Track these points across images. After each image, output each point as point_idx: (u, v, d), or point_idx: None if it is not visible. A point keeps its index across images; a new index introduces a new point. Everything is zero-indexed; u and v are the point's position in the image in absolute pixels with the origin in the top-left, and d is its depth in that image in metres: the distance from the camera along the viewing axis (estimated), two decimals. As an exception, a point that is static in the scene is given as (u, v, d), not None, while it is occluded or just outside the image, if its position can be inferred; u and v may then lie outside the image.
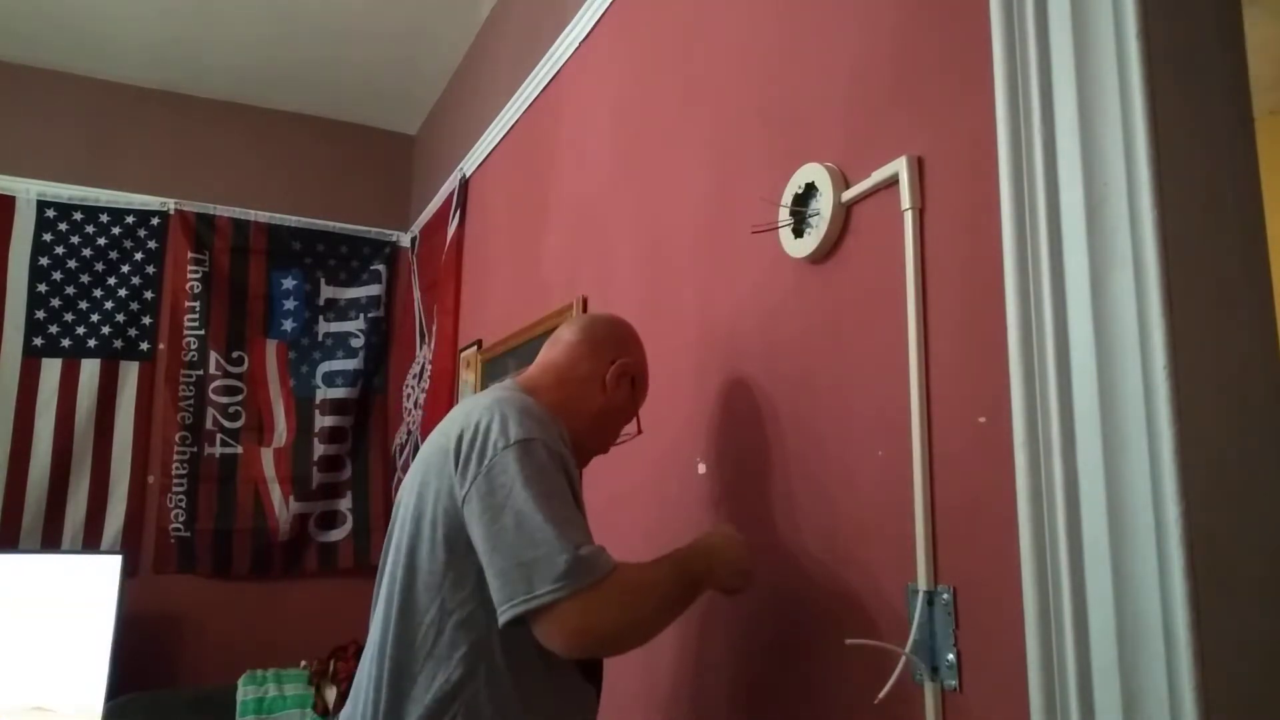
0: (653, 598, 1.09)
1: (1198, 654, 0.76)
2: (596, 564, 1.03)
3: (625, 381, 1.36)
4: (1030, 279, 0.92)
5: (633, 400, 1.38)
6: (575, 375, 1.34)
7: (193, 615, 3.29)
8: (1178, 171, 0.84)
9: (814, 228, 1.25)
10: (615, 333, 1.41)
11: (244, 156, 3.65)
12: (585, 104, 2.20)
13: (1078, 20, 0.91)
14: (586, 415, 1.32)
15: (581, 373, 1.34)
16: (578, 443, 1.31)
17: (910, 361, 1.07)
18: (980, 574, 0.97)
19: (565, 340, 1.37)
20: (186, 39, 3.21)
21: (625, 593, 1.05)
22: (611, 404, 1.35)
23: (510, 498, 1.07)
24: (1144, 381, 0.82)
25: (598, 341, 1.37)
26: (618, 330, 1.41)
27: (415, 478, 1.23)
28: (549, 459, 1.11)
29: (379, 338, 3.72)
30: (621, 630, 1.07)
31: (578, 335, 1.38)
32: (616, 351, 1.36)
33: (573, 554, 1.02)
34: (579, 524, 1.09)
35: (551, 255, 2.31)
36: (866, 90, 1.21)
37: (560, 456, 1.13)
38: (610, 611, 1.03)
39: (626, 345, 1.39)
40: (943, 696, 1.00)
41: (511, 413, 1.14)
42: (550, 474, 1.10)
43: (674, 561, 1.15)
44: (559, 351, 1.37)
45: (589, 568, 1.02)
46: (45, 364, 3.23)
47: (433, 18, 3.07)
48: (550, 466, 1.10)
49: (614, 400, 1.35)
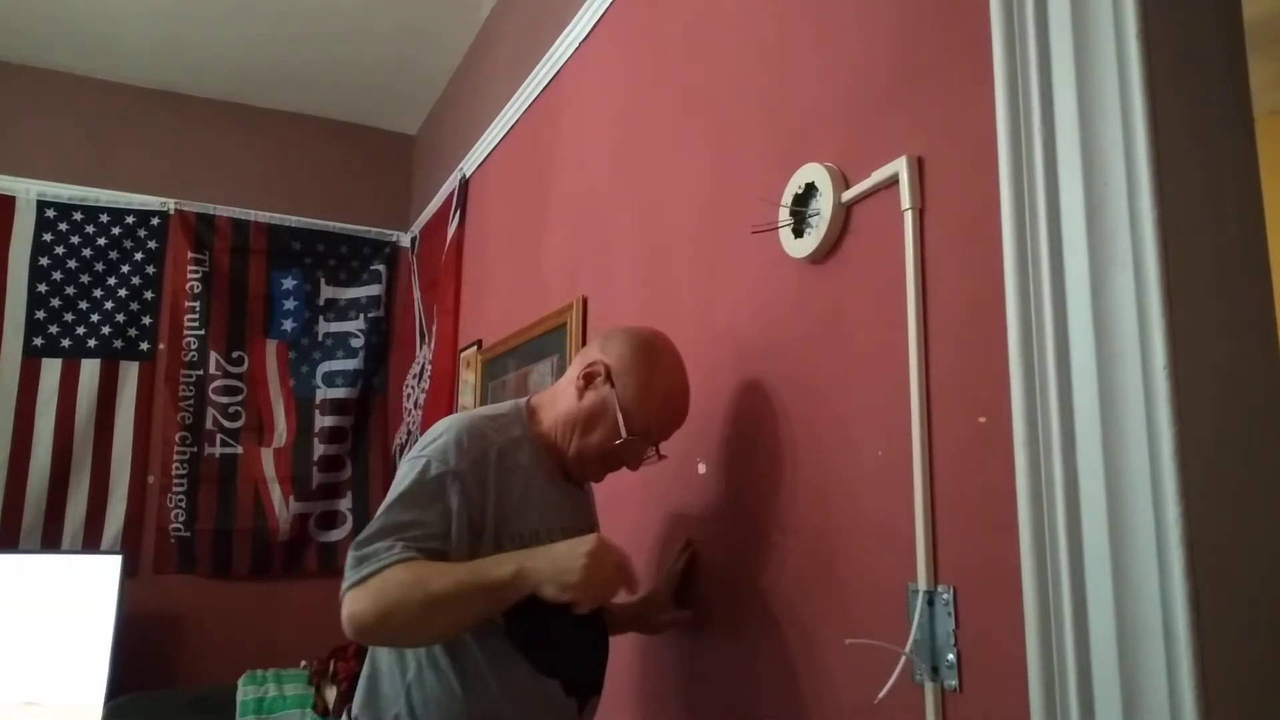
0: (414, 595, 1.11)
1: (1198, 654, 0.76)
2: (372, 560, 1.13)
3: (598, 383, 1.32)
4: (1030, 279, 0.92)
5: (610, 400, 1.31)
6: (561, 385, 1.39)
7: (193, 615, 3.29)
8: (1178, 171, 0.84)
9: (814, 228, 1.25)
10: (620, 337, 1.38)
11: (244, 156, 3.65)
12: (585, 104, 2.20)
13: (1078, 20, 0.91)
14: (559, 424, 1.35)
15: (565, 382, 1.39)
16: (565, 453, 1.36)
17: (910, 361, 1.07)
18: (980, 574, 0.97)
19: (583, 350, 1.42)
20: (186, 39, 3.21)
21: (385, 588, 1.11)
22: (583, 409, 1.33)
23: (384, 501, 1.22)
24: (1144, 381, 0.82)
25: (597, 345, 1.38)
26: (619, 336, 1.38)
27: None
28: (433, 477, 1.21)
29: (379, 338, 3.72)
30: (377, 622, 1.11)
31: (591, 342, 1.42)
32: (603, 352, 1.35)
33: (361, 551, 1.15)
34: (403, 527, 1.17)
35: (551, 255, 2.31)
36: (866, 90, 1.21)
37: (453, 474, 1.21)
38: (365, 603, 1.11)
39: (613, 348, 1.35)
40: (943, 696, 1.00)
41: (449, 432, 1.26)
42: (423, 487, 1.20)
43: (472, 566, 1.16)
44: (572, 362, 1.42)
45: (365, 562, 1.13)
46: (45, 364, 3.23)
47: (433, 18, 3.07)
48: (430, 481, 1.21)
49: (585, 405, 1.33)
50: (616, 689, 1.73)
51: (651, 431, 1.36)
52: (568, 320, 2.08)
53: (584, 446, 1.34)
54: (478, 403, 2.72)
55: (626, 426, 1.31)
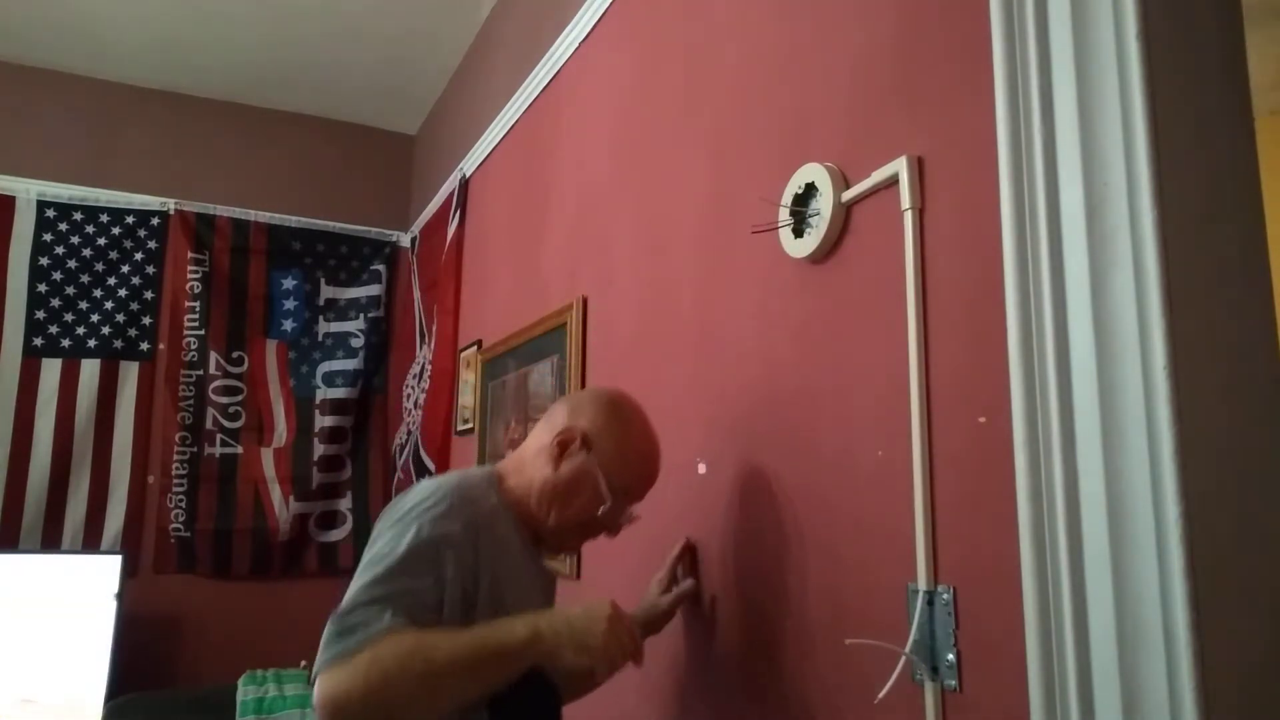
0: (414, 666, 1.00)
1: (1198, 654, 0.76)
2: (359, 630, 1.00)
3: (574, 450, 1.26)
4: (1030, 279, 0.92)
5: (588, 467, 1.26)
6: (529, 454, 1.31)
7: (193, 615, 3.29)
8: (1178, 171, 0.84)
9: (814, 228, 1.25)
10: (586, 400, 1.33)
11: (244, 156, 3.65)
12: (585, 104, 2.20)
13: (1078, 20, 0.91)
14: (536, 495, 1.27)
15: (533, 450, 1.31)
16: (539, 527, 1.29)
17: (910, 361, 1.06)
18: (980, 574, 0.97)
19: (544, 417, 1.34)
20: (186, 39, 3.21)
21: (378, 660, 0.98)
22: (562, 478, 1.26)
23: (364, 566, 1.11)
24: (1144, 381, 0.82)
25: (564, 412, 1.31)
26: (590, 398, 1.34)
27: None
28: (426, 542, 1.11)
29: (379, 338, 3.72)
30: (367, 699, 0.97)
31: (553, 409, 1.34)
32: (573, 418, 1.29)
33: (340, 623, 1.02)
34: (393, 595, 1.05)
35: (551, 255, 2.31)
36: (867, 90, 1.21)
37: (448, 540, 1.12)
38: (352, 680, 0.97)
39: (584, 412, 1.29)
40: (943, 696, 1.00)
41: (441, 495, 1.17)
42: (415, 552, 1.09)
43: (478, 631, 1.07)
44: (534, 431, 1.34)
45: (349, 634, 1.00)
46: (45, 364, 3.23)
47: (433, 18, 3.07)
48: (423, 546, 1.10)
49: (565, 474, 1.26)
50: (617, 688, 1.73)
51: (631, 492, 1.31)
52: (568, 320, 2.08)
53: (565, 517, 1.28)
54: (477, 403, 2.72)
55: (611, 490, 1.26)
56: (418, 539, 1.10)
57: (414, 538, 1.10)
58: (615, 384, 1.86)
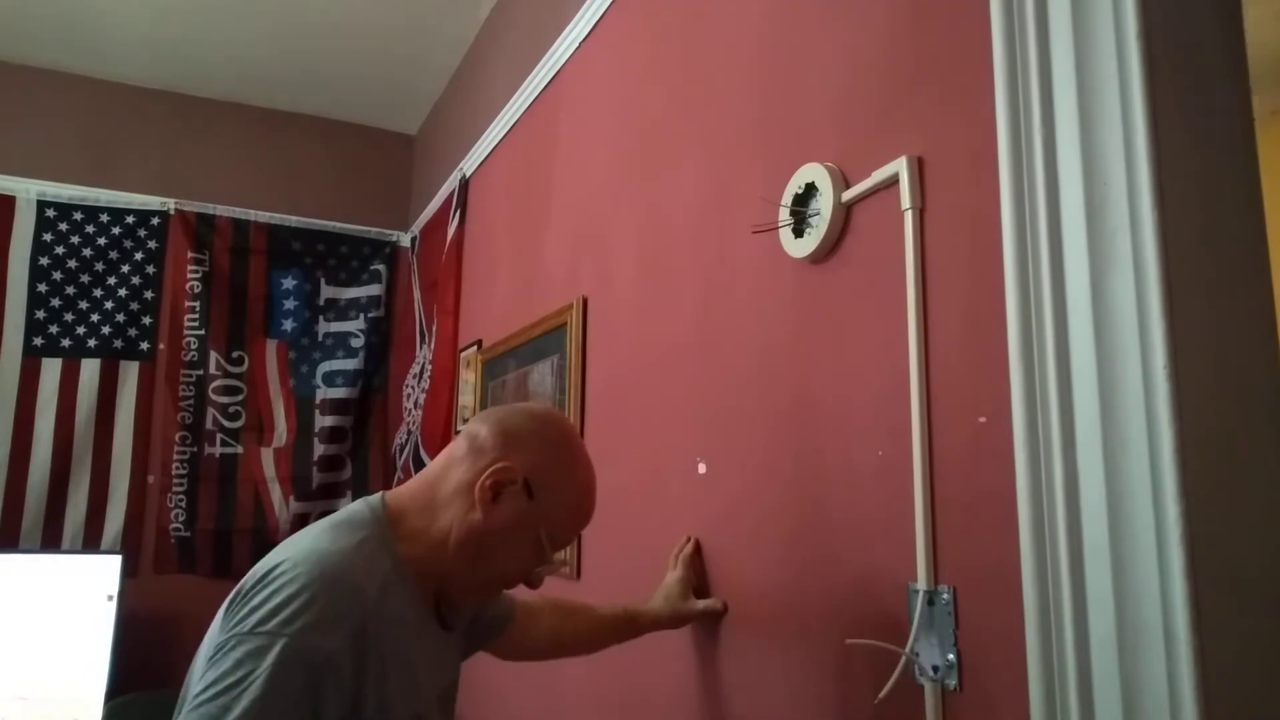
0: None
1: (1198, 654, 0.76)
2: None
3: (512, 494, 1.02)
4: (1030, 279, 0.92)
5: (529, 518, 1.04)
6: (446, 489, 1.05)
7: (193, 615, 3.25)
8: (1178, 172, 0.84)
9: (814, 228, 1.25)
10: (525, 429, 1.07)
11: (244, 156, 3.65)
12: (585, 104, 2.20)
13: (1078, 20, 0.91)
14: (455, 543, 1.02)
15: (452, 484, 1.04)
16: (448, 582, 1.06)
17: (910, 361, 1.07)
18: (980, 574, 0.97)
19: (458, 440, 1.09)
20: (186, 39, 3.21)
21: None
22: (494, 527, 1.02)
23: (199, 698, 0.83)
24: (1144, 381, 0.82)
25: (494, 440, 1.05)
26: (530, 426, 1.08)
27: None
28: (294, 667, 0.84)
29: (379, 338, 3.72)
30: None
31: (471, 432, 1.08)
32: (503, 453, 1.04)
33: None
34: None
35: (552, 255, 2.31)
36: (867, 90, 1.21)
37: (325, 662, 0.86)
38: None
39: (523, 446, 1.05)
40: (943, 696, 1.00)
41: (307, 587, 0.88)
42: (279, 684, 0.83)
43: None
44: (443, 456, 1.09)
45: None
46: (45, 364, 3.23)
47: (433, 18, 3.07)
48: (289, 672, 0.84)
49: (497, 522, 1.02)
50: (616, 689, 1.73)
51: (567, 542, 1.14)
52: (568, 320, 2.08)
53: (489, 571, 1.06)
54: (477, 403, 2.72)
55: (552, 544, 1.06)
56: (281, 666, 0.83)
57: (276, 664, 0.83)
58: (615, 384, 1.86)
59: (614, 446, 1.83)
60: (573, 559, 1.94)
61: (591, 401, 1.96)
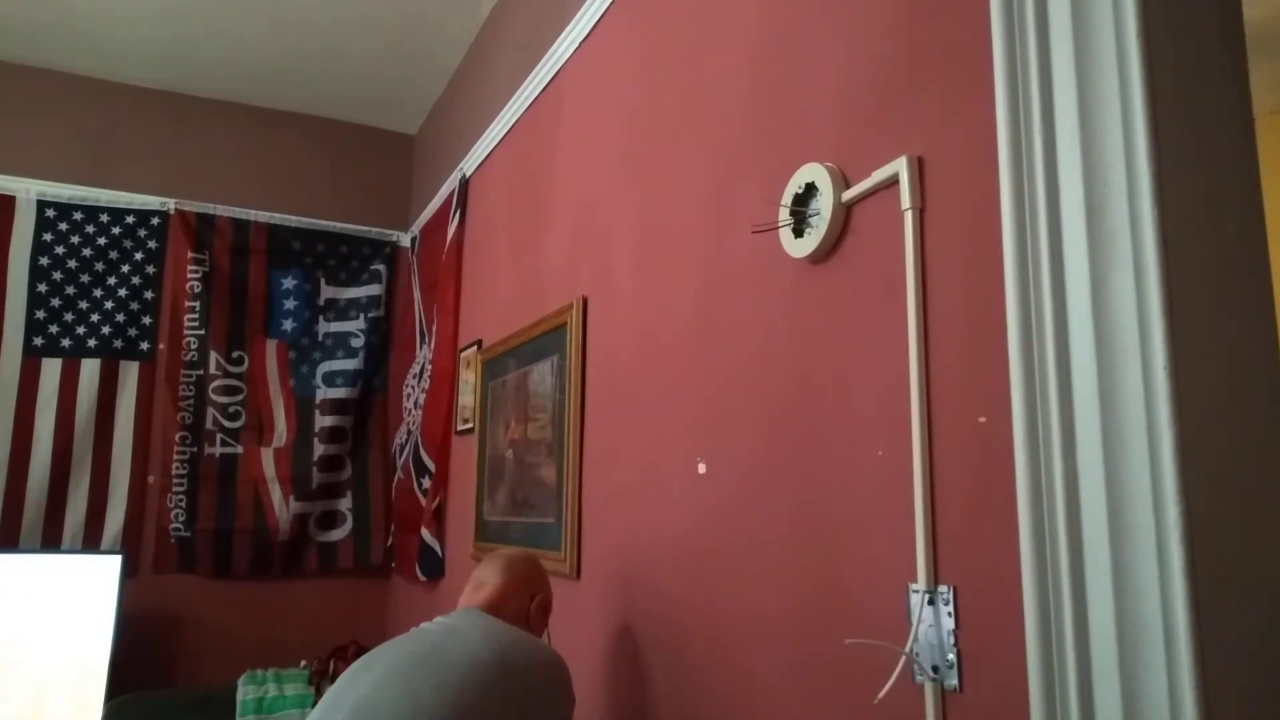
0: None
1: (1198, 654, 0.76)
2: None
3: (542, 613, 1.61)
4: (1030, 279, 0.92)
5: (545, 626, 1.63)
6: (510, 609, 1.54)
7: (193, 615, 3.29)
8: (1178, 171, 0.84)
9: (814, 228, 1.25)
10: (530, 569, 1.63)
11: (244, 156, 3.65)
12: (585, 104, 2.20)
13: (1078, 21, 0.91)
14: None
15: (511, 609, 1.55)
16: None
17: (910, 361, 1.07)
18: (980, 574, 0.97)
19: (492, 582, 1.58)
20: (186, 39, 3.21)
21: None
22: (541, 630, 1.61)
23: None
24: (1144, 381, 0.82)
25: (518, 579, 1.59)
26: (531, 566, 1.64)
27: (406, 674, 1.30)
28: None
29: (379, 338, 3.72)
30: None
31: (502, 576, 1.59)
32: (534, 587, 1.61)
33: None
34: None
35: (551, 255, 2.31)
36: (867, 90, 1.21)
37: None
38: None
39: (542, 579, 1.63)
40: (943, 696, 1.00)
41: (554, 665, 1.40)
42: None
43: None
44: (488, 592, 1.56)
45: None
46: (45, 364, 3.23)
47: (433, 18, 3.07)
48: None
49: (536, 630, 1.58)
50: (612, 688, 1.73)
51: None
52: (568, 320, 2.08)
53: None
54: (477, 403, 2.72)
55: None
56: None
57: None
58: (615, 384, 1.87)
59: (614, 446, 1.83)
60: (573, 560, 1.94)
61: (591, 401, 1.96)
